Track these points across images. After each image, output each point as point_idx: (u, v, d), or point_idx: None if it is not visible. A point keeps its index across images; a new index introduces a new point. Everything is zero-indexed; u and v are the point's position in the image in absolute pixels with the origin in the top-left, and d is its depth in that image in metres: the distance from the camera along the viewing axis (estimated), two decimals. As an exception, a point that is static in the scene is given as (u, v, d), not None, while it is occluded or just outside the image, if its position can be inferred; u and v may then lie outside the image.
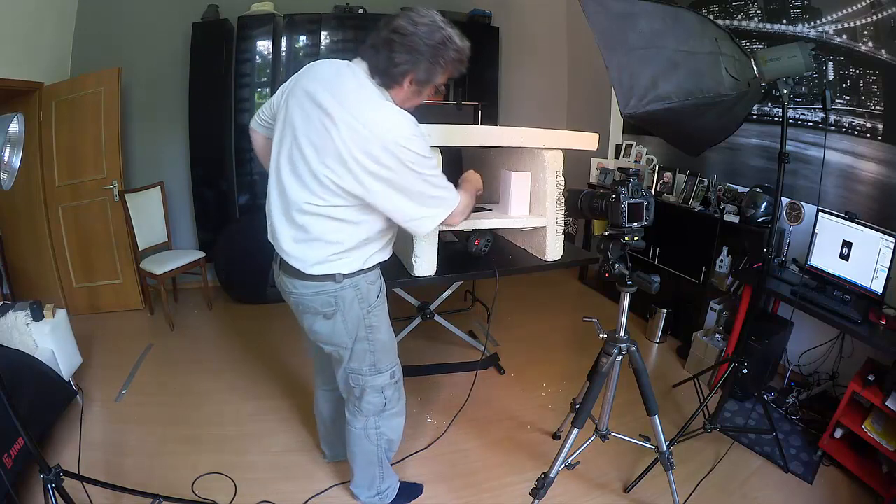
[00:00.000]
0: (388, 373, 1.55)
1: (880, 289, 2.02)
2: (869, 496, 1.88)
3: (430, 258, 1.78)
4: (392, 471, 1.78)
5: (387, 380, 1.55)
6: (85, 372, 2.51)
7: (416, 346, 2.91)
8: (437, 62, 1.22)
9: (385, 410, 1.60)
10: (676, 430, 2.09)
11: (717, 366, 2.45)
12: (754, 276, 2.36)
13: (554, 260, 2.02)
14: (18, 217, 3.19)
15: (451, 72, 1.27)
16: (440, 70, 1.24)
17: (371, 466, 1.67)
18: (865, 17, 2.25)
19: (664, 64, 1.57)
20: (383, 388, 1.55)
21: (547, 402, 2.47)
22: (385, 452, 1.69)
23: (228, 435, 2.16)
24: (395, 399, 1.61)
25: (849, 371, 2.30)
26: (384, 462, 1.70)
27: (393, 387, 1.58)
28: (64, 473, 1.38)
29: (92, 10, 3.30)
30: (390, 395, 1.58)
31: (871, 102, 2.32)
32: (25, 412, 1.70)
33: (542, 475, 1.61)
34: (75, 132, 3.12)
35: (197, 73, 3.47)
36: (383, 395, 1.56)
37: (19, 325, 2.10)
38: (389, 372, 1.55)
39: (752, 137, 2.92)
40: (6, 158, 1.25)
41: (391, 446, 1.71)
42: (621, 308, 1.55)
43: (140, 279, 3.38)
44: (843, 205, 2.39)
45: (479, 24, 4.13)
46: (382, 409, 1.58)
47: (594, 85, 4.21)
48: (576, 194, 1.62)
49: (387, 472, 1.73)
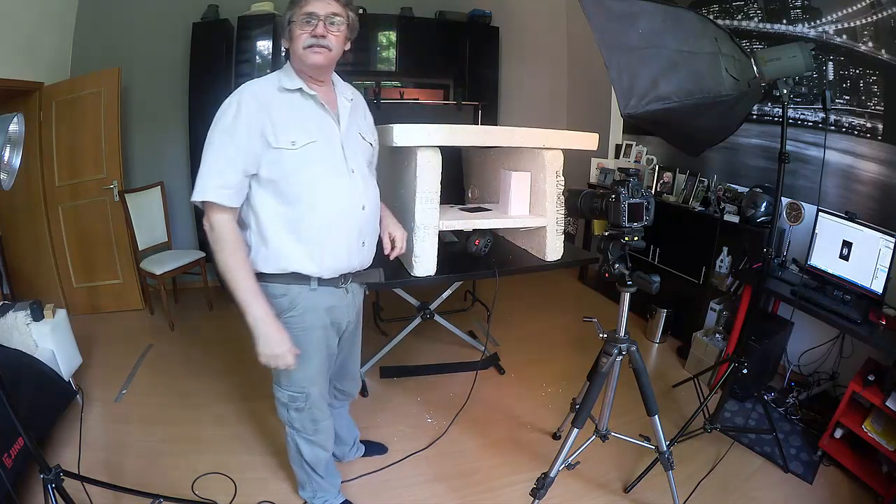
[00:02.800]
0: (287, 394, 1.44)
1: (880, 289, 2.02)
2: (869, 496, 1.88)
3: (430, 258, 1.78)
4: (329, 487, 1.69)
5: (285, 399, 1.46)
6: (85, 372, 2.51)
7: (416, 346, 2.91)
8: (287, 7, 1.23)
9: (295, 430, 1.52)
10: (676, 430, 2.09)
11: (717, 366, 2.45)
12: (754, 276, 2.36)
13: (554, 260, 2.02)
14: (18, 217, 3.19)
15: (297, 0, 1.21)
16: (290, 8, 1.23)
17: (299, 469, 1.65)
18: (865, 17, 2.25)
19: (664, 64, 1.57)
20: (285, 404, 1.47)
21: (547, 402, 2.47)
22: (307, 467, 1.61)
23: (228, 435, 2.16)
24: (303, 425, 1.50)
25: (849, 371, 2.30)
26: (312, 476, 1.63)
27: (295, 411, 1.47)
28: (64, 473, 1.38)
29: (92, 10, 3.30)
30: (294, 417, 1.48)
31: (871, 102, 2.32)
32: (25, 412, 1.70)
33: (542, 475, 1.61)
34: (75, 132, 3.12)
35: (197, 73, 3.47)
36: (287, 411, 1.48)
37: (19, 325, 2.10)
38: (288, 394, 1.44)
39: (752, 137, 2.92)
40: (6, 158, 1.24)
41: (316, 469, 1.61)
42: (621, 308, 1.55)
43: (140, 279, 3.38)
44: (843, 205, 2.39)
45: (479, 24, 4.13)
46: (290, 424, 1.51)
47: (594, 85, 4.21)
48: (576, 194, 1.62)
49: (319, 484, 1.66)
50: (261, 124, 1.19)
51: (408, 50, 3.94)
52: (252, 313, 1.22)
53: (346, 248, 1.33)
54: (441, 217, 1.78)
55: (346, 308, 1.45)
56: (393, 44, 3.93)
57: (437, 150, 1.70)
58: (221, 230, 1.21)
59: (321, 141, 1.26)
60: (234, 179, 1.20)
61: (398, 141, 1.61)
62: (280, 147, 1.20)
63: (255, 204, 1.25)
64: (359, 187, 1.33)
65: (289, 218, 1.25)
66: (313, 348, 1.40)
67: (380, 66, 3.96)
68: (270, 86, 1.25)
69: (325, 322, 1.40)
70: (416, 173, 1.68)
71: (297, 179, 1.23)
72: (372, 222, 1.41)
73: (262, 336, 1.24)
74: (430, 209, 1.73)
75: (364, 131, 1.42)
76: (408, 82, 4.19)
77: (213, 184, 1.18)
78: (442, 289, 2.65)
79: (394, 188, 1.94)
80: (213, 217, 1.21)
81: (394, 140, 1.61)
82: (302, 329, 1.35)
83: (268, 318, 1.24)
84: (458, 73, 4.15)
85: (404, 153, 1.81)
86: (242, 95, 1.21)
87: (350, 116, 1.35)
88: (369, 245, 1.42)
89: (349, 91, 1.41)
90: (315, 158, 1.24)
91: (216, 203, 1.19)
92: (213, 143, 1.20)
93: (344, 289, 1.41)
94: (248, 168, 1.21)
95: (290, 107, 1.24)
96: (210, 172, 1.19)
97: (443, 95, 4.24)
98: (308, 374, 1.42)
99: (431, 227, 1.75)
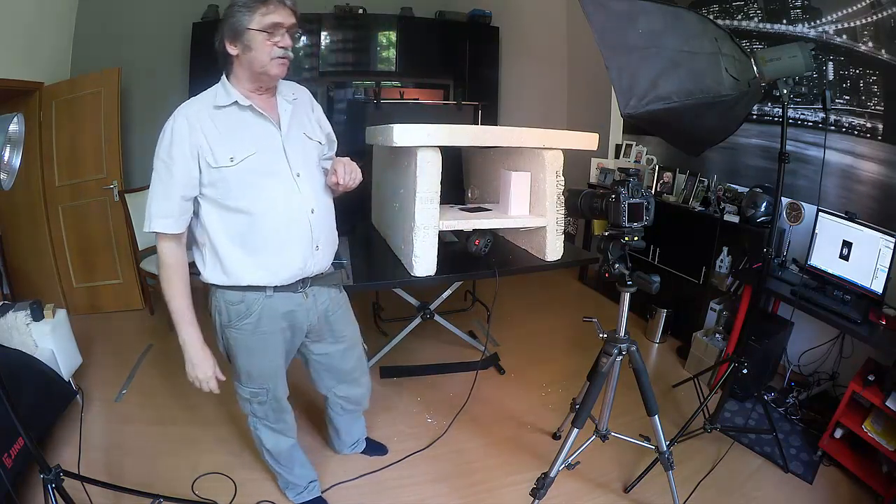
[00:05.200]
0: (249, 391, 1.49)
1: (880, 289, 2.02)
2: (869, 496, 1.88)
3: (430, 258, 1.79)
4: (298, 479, 1.72)
5: (247, 395, 1.50)
6: (85, 372, 2.51)
7: (416, 346, 2.90)
8: (234, 9, 1.18)
9: (258, 417, 1.56)
10: (676, 430, 2.09)
11: (717, 366, 2.45)
12: (754, 276, 2.36)
13: (554, 260, 2.02)
14: (18, 217, 3.19)
15: (253, 6, 1.16)
16: (241, 11, 1.17)
17: (267, 462, 1.70)
18: (865, 17, 2.25)
19: (664, 64, 1.57)
20: (248, 400, 1.51)
21: (547, 402, 2.47)
22: (271, 458, 1.66)
23: (228, 435, 2.16)
24: (265, 413, 1.54)
25: (849, 371, 2.30)
26: (277, 467, 1.69)
27: (258, 404, 1.52)
28: (64, 473, 1.38)
29: (92, 10, 3.31)
30: (257, 409, 1.53)
31: (871, 102, 2.32)
32: (25, 412, 1.69)
33: (542, 475, 1.61)
34: (75, 132, 3.12)
35: (197, 73, 3.48)
36: (249, 405, 1.53)
37: (19, 325, 2.10)
38: (250, 391, 1.49)
39: (752, 137, 2.92)
40: (6, 158, 1.24)
41: (278, 459, 1.66)
42: (621, 308, 1.55)
43: (140, 279, 3.37)
44: (843, 205, 2.39)
45: (479, 24, 4.13)
46: (253, 413, 1.55)
47: (594, 85, 4.21)
48: (576, 194, 1.62)
49: (286, 476, 1.71)
50: (195, 148, 1.20)
51: (408, 50, 3.94)
52: (182, 337, 1.32)
53: (298, 254, 1.33)
54: (441, 217, 1.78)
55: (307, 312, 1.44)
56: (393, 44, 3.94)
57: (437, 150, 1.70)
58: (163, 256, 1.28)
59: (261, 151, 1.25)
60: (173, 208, 1.23)
61: (398, 141, 1.61)
62: (220, 166, 1.21)
63: (204, 221, 1.27)
64: (305, 191, 1.32)
65: (237, 232, 1.26)
66: (272, 350, 1.43)
67: (380, 66, 3.96)
68: (204, 105, 1.25)
69: (283, 326, 1.42)
70: (416, 173, 1.68)
71: (241, 194, 1.24)
72: (324, 224, 1.39)
73: (189, 359, 1.35)
74: (430, 209, 1.73)
75: (309, 130, 1.40)
76: (408, 82, 4.19)
77: (156, 213, 1.23)
78: (442, 289, 2.65)
79: (394, 188, 1.94)
80: (160, 244, 1.27)
81: (394, 140, 1.61)
82: (260, 333, 1.39)
83: (197, 343, 1.34)
84: (458, 73, 4.16)
85: (404, 153, 1.81)
86: (176, 121, 1.22)
87: (292, 118, 1.33)
88: (324, 248, 1.40)
89: (290, 91, 1.37)
90: (256, 170, 1.24)
91: (160, 232, 1.24)
92: (155, 171, 1.23)
93: (303, 293, 1.41)
94: (187, 193, 1.23)
95: (225, 123, 1.24)
96: (153, 202, 1.23)
97: (443, 95, 4.25)
98: (266, 372, 1.47)
99: (431, 227, 1.75)
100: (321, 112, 1.50)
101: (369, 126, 2.33)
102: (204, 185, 1.23)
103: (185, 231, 1.28)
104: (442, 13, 4.04)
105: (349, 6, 3.76)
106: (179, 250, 1.29)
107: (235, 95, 1.24)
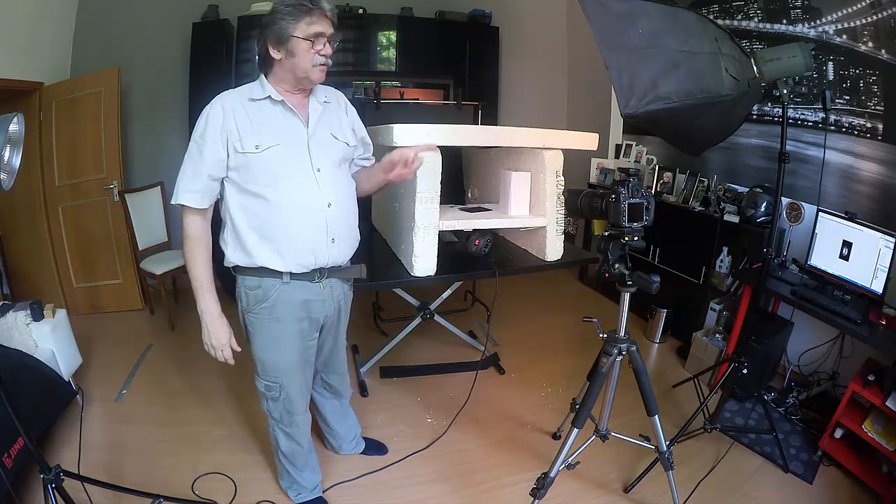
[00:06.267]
0: (264, 383, 1.53)
1: (880, 289, 2.02)
2: (869, 496, 1.88)
3: (430, 258, 1.78)
4: (305, 482, 1.75)
5: (262, 388, 1.54)
6: (85, 372, 2.51)
7: (416, 346, 2.91)
8: (277, 16, 1.27)
9: (274, 420, 1.60)
10: (676, 430, 2.09)
11: (717, 366, 2.45)
12: (754, 276, 2.36)
13: (554, 260, 2.02)
14: (18, 217, 3.19)
15: (298, 15, 1.25)
16: (285, 19, 1.25)
17: (277, 459, 1.73)
18: (865, 17, 2.25)
19: (664, 64, 1.57)
20: (263, 394, 1.55)
21: (547, 402, 2.47)
22: (284, 459, 1.69)
23: (228, 435, 2.16)
24: (279, 415, 1.58)
25: (849, 371, 2.30)
26: (288, 468, 1.71)
27: (271, 401, 1.55)
28: (64, 473, 1.38)
29: (92, 10, 3.30)
30: (272, 407, 1.57)
31: (871, 102, 2.32)
32: (25, 412, 1.69)
33: (542, 475, 1.61)
34: (75, 132, 3.12)
35: (197, 73, 3.47)
36: (265, 401, 1.57)
37: (19, 325, 2.10)
38: (265, 383, 1.52)
39: (752, 137, 2.92)
40: (6, 158, 1.24)
41: (293, 462, 1.70)
42: (621, 308, 1.55)
43: (140, 279, 3.38)
44: (843, 205, 2.39)
45: (479, 24, 4.13)
46: (270, 414, 1.60)
47: (594, 85, 4.21)
48: (576, 194, 1.62)
49: (293, 477, 1.73)
50: (226, 133, 1.29)
51: (408, 50, 3.94)
52: (201, 305, 1.38)
53: (310, 244, 1.37)
54: (441, 217, 1.78)
55: (323, 303, 1.49)
56: (393, 44, 3.93)
57: (437, 150, 1.70)
58: (189, 228, 1.35)
59: (285, 143, 1.32)
60: (201, 184, 1.31)
61: (398, 141, 1.61)
62: (245, 151, 1.29)
63: (228, 204, 1.35)
64: (324, 186, 1.37)
65: (255, 216, 1.33)
66: (286, 340, 1.47)
67: (380, 66, 3.96)
68: (240, 96, 1.33)
69: (301, 315, 1.45)
70: (416, 173, 1.68)
71: (261, 180, 1.31)
72: (341, 219, 1.43)
73: (205, 327, 1.40)
74: (430, 209, 1.73)
75: (337, 131, 1.45)
76: (408, 82, 4.19)
77: (184, 189, 1.31)
78: (442, 289, 2.65)
79: (394, 188, 1.94)
80: (185, 217, 1.35)
81: (394, 140, 1.61)
82: (275, 319, 1.43)
83: (214, 311, 1.39)
84: (458, 72, 4.15)
85: (404, 153, 1.80)
86: (213, 108, 1.30)
87: (321, 118, 1.40)
88: (341, 241, 1.44)
89: (323, 94, 1.45)
90: (278, 160, 1.31)
91: (186, 205, 1.32)
92: (188, 150, 1.32)
93: (320, 284, 1.45)
94: (215, 173, 1.31)
95: (257, 114, 1.32)
96: (183, 178, 1.32)
97: (443, 95, 4.24)
98: (280, 365, 1.49)
99: (431, 227, 1.75)
100: (356, 116, 1.58)
101: (369, 126, 2.33)
102: (230, 168, 1.31)
103: (209, 207, 1.36)
104: (442, 13, 4.04)
105: (349, 6, 3.75)
106: (204, 224, 1.36)
107: (270, 91, 1.33)
